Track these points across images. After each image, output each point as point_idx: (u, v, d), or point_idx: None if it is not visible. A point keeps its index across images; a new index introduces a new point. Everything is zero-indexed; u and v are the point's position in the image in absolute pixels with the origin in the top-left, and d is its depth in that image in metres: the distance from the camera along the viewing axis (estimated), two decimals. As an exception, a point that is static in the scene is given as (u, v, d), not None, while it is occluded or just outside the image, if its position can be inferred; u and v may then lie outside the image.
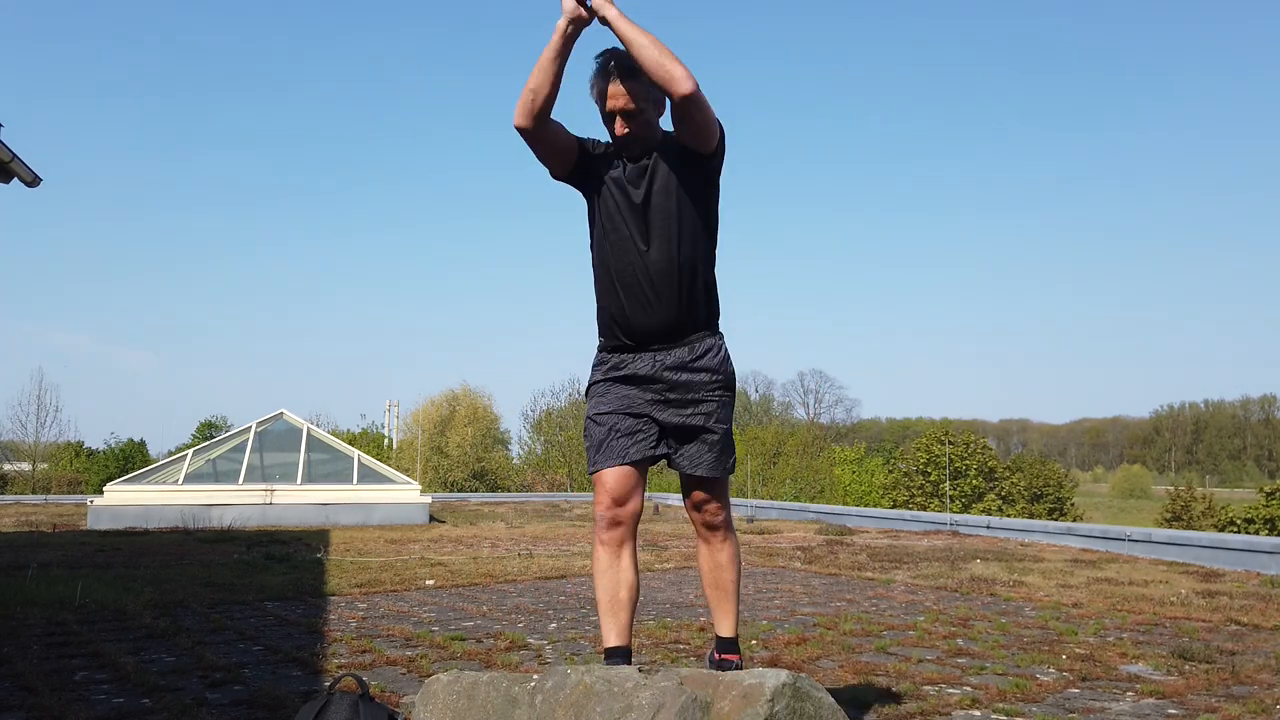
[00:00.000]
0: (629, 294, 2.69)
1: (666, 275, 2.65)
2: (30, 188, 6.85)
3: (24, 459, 33.88)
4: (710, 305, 2.79)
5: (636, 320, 2.69)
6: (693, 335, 2.74)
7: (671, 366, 2.70)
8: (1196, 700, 3.85)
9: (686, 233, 2.66)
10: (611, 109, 2.60)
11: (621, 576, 2.77)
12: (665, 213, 2.64)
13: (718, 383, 2.74)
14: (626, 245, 2.67)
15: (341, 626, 5.50)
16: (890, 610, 6.28)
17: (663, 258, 2.64)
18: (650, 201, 2.64)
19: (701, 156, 2.65)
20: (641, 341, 2.72)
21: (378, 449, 37.23)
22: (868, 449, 48.18)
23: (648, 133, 2.64)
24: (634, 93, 2.56)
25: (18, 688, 3.88)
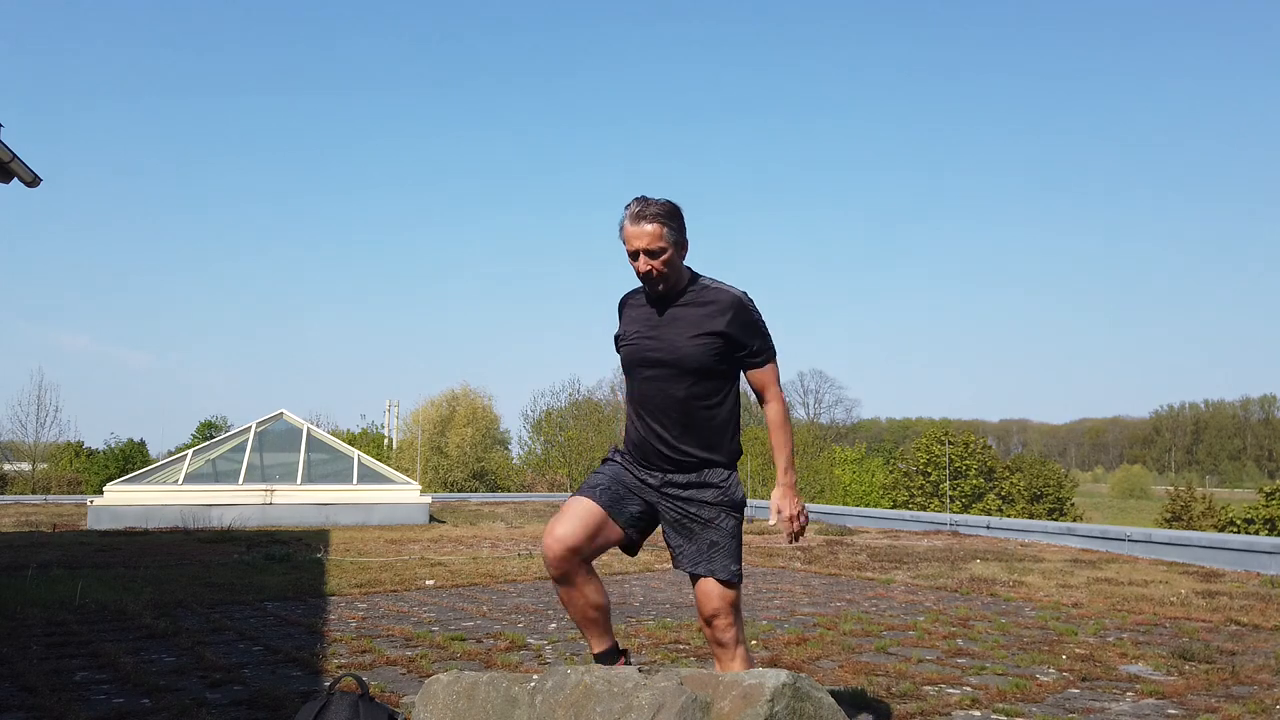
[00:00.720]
0: (646, 428, 2.90)
1: (682, 421, 2.85)
2: (30, 188, 6.85)
3: (24, 459, 33.85)
4: (722, 449, 2.93)
5: (649, 452, 2.89)
6: (702, 469, 2.91)
7: (679, 484, 2.89)
8: (1196, 700, 3.85)
9: (701, 379, 2.85)
10: (635, 249, 2.80)
11: (585, 600, 2.88)
12: (682, 361, 2.83)
13: (721, 502, 2.88)
14: (647, 385, 2.88)
15: (341, 626, 5.50)
16: (890, 610, 6.28)
17: (677, 403, 2.84)
18: (672, 347, 2.84)
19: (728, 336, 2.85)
20: (656, 468, 2.91)
21: (378, 449, 37.21)
22: (868, 449, 48.16)
23: (671, 273, 2.83)
24: (655, 234, 2.77)
25: (18, 688, 3.88)
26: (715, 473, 2.90)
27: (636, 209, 2.81)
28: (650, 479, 2.91)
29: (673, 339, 2.83)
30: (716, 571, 2.80)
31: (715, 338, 2.82)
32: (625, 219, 2.83)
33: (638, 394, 2.92)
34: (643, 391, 2.90)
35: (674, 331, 2.84)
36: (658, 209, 2.80)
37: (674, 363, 2.83)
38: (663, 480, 2.89)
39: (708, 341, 2.82)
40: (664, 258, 2.79)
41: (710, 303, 2.85)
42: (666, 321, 2.86)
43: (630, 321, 2.95)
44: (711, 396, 2.87)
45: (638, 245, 2.78)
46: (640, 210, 2.80)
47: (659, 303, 2.89)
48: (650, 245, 2.77)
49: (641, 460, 2.93)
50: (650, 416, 2.88)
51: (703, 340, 2.82)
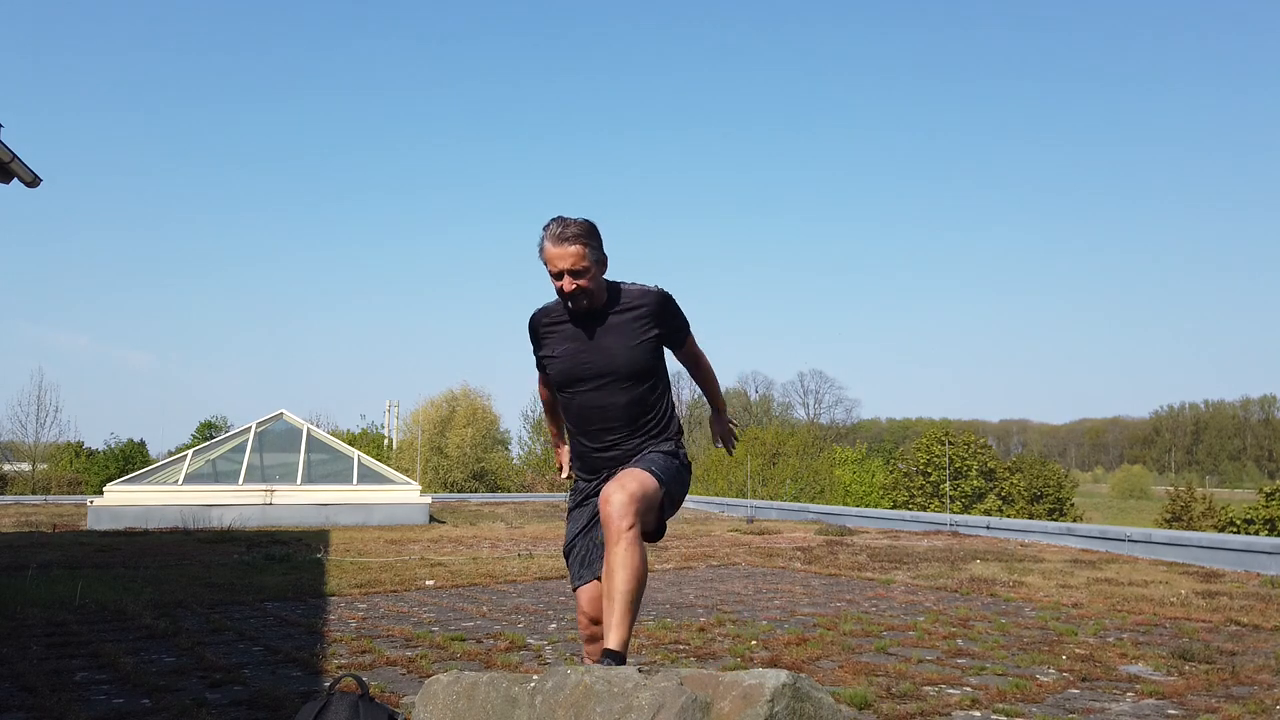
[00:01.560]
0: (590, 442, 2.98)
1: (621, 419, 2.93)
2: (30, 188, 6.85)
3: (24, 459, 33.84)
4: (666, 431, 3.03)
5: (596, 464, 2.99)
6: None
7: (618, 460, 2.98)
8: (1196, 700, 3.85)
9: (636, 385, 2.93)
10: (560, 269, 2.84)
11: None
12: (615, 371, 2.90)
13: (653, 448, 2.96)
14: (591, 395, 2.93)
15: (341, 627, 5.50)
16: (890, 611, 6.28)
17: (617, 411, 2.92)
18: (614, 354, 2.90)
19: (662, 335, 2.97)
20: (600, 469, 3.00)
21: (378, 449, 37.21)
22: (868, 450, 48.16)
23: (594, 290, 2.89)
24: (578, 253, 2.82)
25: (18, 688, 3.89)
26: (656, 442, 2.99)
27: (557, 230, 2.85)
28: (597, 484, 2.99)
29: (608, 349, 2.89)
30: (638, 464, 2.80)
31: (650, 340, 2.91)
32: (545, 240, 2.86)
33: (577, 409, 2.97)
34: (582, 404, 2.94)
35: (608, 342, 2.90)
36: (578, 229, 2.85)
37: (612, 372, 2.89)
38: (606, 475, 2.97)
39: (643, 345, 2.89)
40: (587, 276, 2.84)
41: (636, 307, 2.92)
42: (597, 334, 2.92)
43: (557, 340, 2.99)
44: (651, 394, 2.96)
45: (561, 266, 2.83)
46: (561, 231, 2.84)
47: (585, 317, 2.93)
48: (574, 265, 2.82)
49: (593, 470, 3.01)
50: (595, 426, 2.95)
51: (638, 345, 2.89)
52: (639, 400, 2.92)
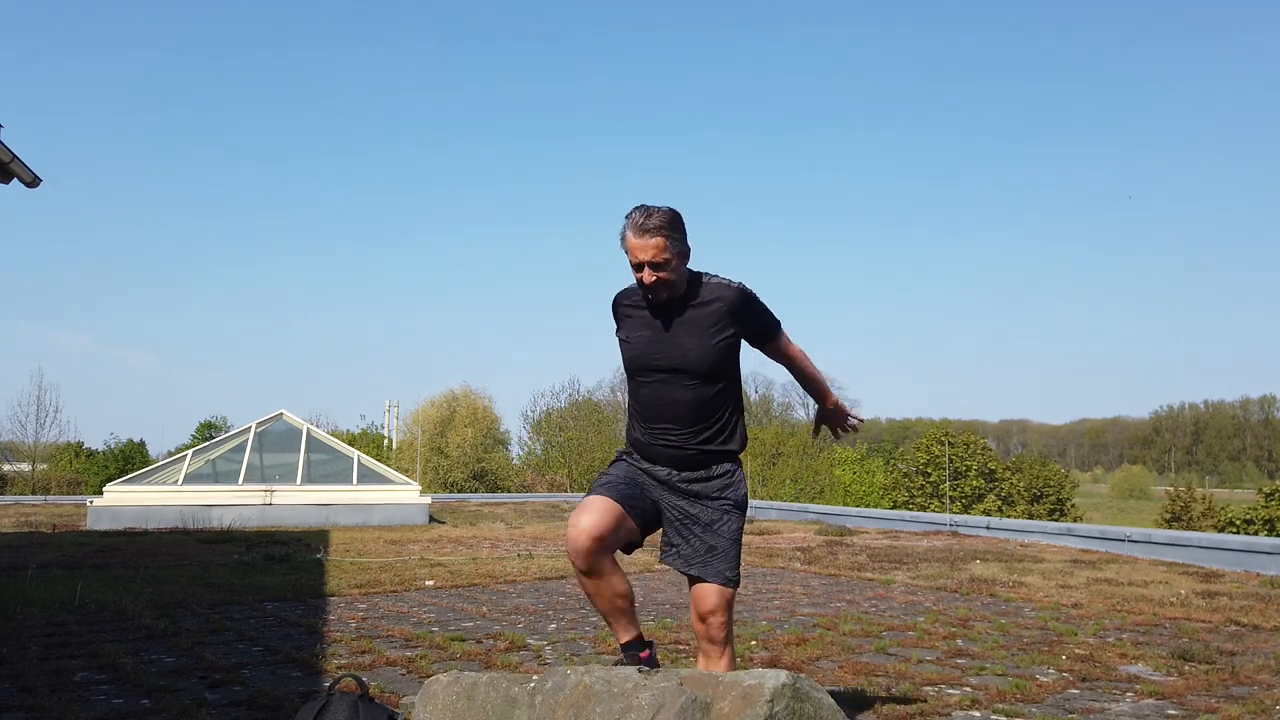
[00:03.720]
0: (654, 432, 2.90)
1: (689, 424, 2.86)
2: (30, 188, 6.85)
3: (24, 459, 33.80)
4: (728, 443, 2.95)
5: (660, 455, 2.90)
6: (712, 464, 2.93)
7: (687, 479, 2.90)
8: (1196, 701, 3.85)
9: (708, 382, 2.85)
10: (639, 261, 2.77)
11: (612, 590, 2.84)
12: (688, 365, 2.83)
13: (728, 501, 2.90)
14: (658, 388, 2.87)
15: (341, 627, 5.50)
16: (890, 611, 6.28)
17: (686, 407, 2.84)
18: (678, 353, 2.83)
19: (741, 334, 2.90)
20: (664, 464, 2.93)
21: (377, 449, 37.18)
22: (868, 450, 48.10)
23: (676, 280, 2.82)
24: (659, 245, 2.75)
25: (18, 688, 3.88)
26: (722, 468, 2.91)
27: (640, 220, 2.76)
28: (659, 473, 2.92)
29: (680, 343, 2.82)
30: (711, 576, 2.81)
31: (726, 337, 2.83)
32: (627, 229, 2.79)
33: (644, 398, 2.91)
34: (649, 395, 2.89)
35: (682, 335, 2.83)
36: (660, 219, 2.76)
37: (683, 367, 2.82)
38: (670, 474, 2.90)
39: (718, 342, 2.82)
40: (668, 269, 2.77)
41: (715, 300, 2.84)
42: (673, 326, 2.85)
43: (634, 325, 2.92)
44: (720, 395, 2.88)
45: (642, 258, 2.76)
46: (644, 222, 2.75)
47: (663, 307, 2.86)
48: (655, 258, 2.75)
49: (649, 460, 2.94)
50: (658, 420, 2.88)
51: (713, 342, 2.82)
52: (706, 401, 2.85)
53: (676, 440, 2.86)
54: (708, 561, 2.82)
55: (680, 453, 2.87)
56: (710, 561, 2.82)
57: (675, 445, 2.87)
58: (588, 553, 2.74)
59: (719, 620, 2.81)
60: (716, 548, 2.83)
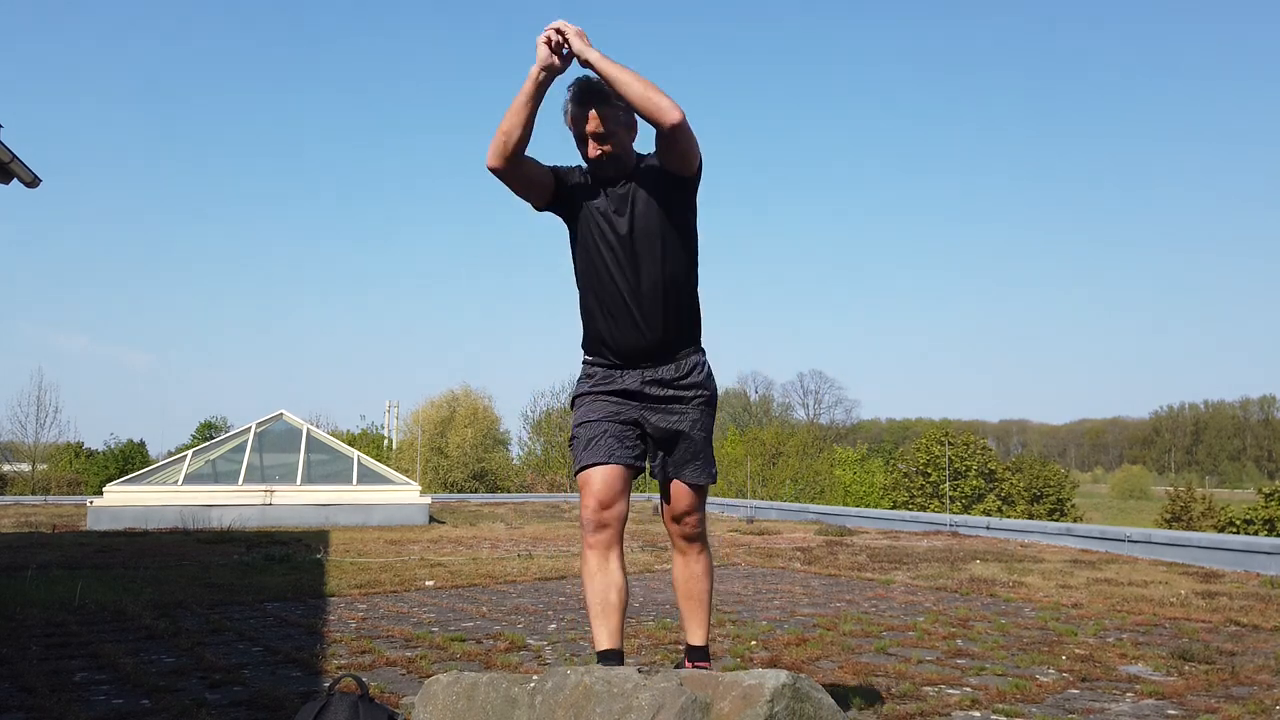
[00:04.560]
0: (617, 318, 2.79)
1: (653, 299, 2.76)
2: (30, 188, 6.86)
3: (24, 459, 33.82)
4: (694, 324, 2.92)
5: (625, 342, 2.80)
6: (679, 353, 2.87)
7: (657, 382, 2.83)
8: (1196, 701, 3.85)
9: (670, 256, 2.77)
10: (585, 132, 2.68)
11: (611, 579, 2.78)
12: (649, 238, 2.74)
13: (702, 398, 2.89)
14: (612, 272, 2.76)
15: (341, 627, 5.50)
16: (890, 611, 6.28)
17: (649, 282, 2.75)
18: (634, 228, 2.73)
19: (682, 179, 2.77)
20: (630, 360, 2.83)
21: (377, 450, 37.20)
22: (868, 450, 48.11)
23: (622, 155, 2.72)
24: (605, 116, 2.66)
25: (18, 688, 3.88)
26: (690, 361, 2.86)
27: (580, 90, 2.67)
28: (629, 383, 2.81)
29: (639, 213, 2.73)
30: (693, 476, 2.85)
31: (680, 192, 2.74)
32: (568, 99, 2.68)
33: (601, 280, 2.77)
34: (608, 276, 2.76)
35: (639, 206, 2.74)
36: (601, 86, 2.60)
37: (645, 236, 2.73)
38: (640, 381, 2.81)
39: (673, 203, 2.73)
40: (613, 141, 2.68)
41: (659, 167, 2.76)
42: (626, 198, 2.74)
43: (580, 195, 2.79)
44: (680, 270, 2.81)
45: (585, 129, 2.66)
46: (584, 92, 2.65)
47: (610, 183, 2.76)
48: (595, 129, 2.65)
49: (616, 362, 2.82)
50: (622, 301, 2.76)
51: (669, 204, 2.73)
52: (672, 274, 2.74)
53: (645, 328, 2.76)
54: (696, 468, 2.85)
55: (650, 343, 2.78)
56: (697, 467, 2.85)
57: (644, 336, 2.77)
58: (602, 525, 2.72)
59: (695, 518, 2.88)
60: (698, 449, 2.85)
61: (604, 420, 2.79)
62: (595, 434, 2.77)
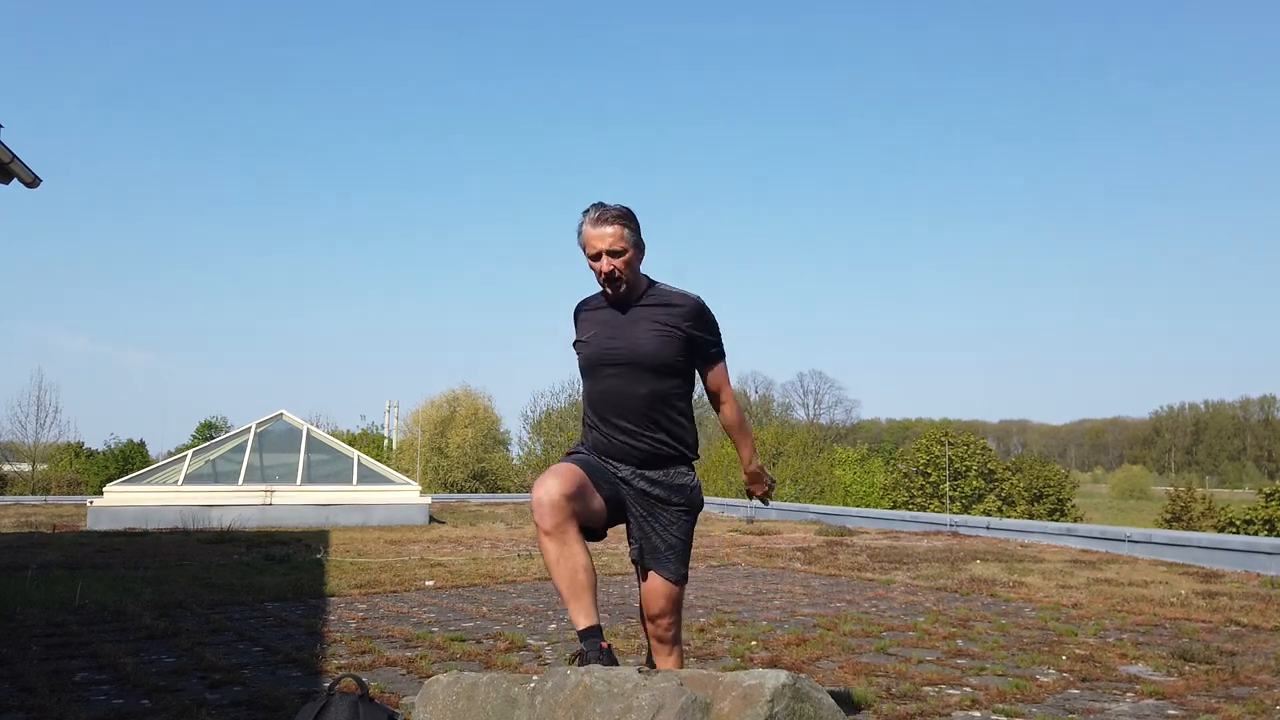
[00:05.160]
0: (606, 427, 2.98)
1: (639, 411, 2.94)
2: (30, 188, 6.85)
3: (24, 460, 33.83)
4: (684, 443, 3.05)
5: (618, 451, 2.98)
6: (668, 465, 3.01)
7: (646, 479, 2.98)
8: (1196, 701, 3.85)
9: (665, 371, 2.95)
10: (597, 250, 2.89)
11: (576, 560, 2.79)
12: (645, 360, 2.93)
13: (684, 505, 3.01)
14: (613, 381, 2.96)
15: (341, 627, 5.50)
16: (890, 611, 6.28)
17: (645, 395, 2.94)
18: (635, 348, 2.93)
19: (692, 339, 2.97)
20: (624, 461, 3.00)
21: (377, 450, 37.18)
22: (868, 450, 48.10)
23: (630, 274, 2.94)
24: (616, 233, 2.88)
25: (18, 688, 3.88)
26: (681, 473, 3.01)
27: (596, 214, 2.92)
28: (621, 470, 2.98)
29: (636, 337, 2.93)
30: (667, 573, 2.95)
31: (678, 336, 2.94)
32: (585, 223, 2.93)
33: (600, 393, 2.99)
34: (605, 390, 2.97)
35: (637, 330, 2.94)
36: (617, 212, 2.92)
37: (638, 360, 2.92)
38: (632, 473, 2.97)
39: (670, 339, 2.93)
40: (625, 258, 2.90)
41: (670, 305, 2.97)
42: (629, 322, 2.96)
43: (591, 324, 3.04)
44: (672, 392, 2.98)
45: (600, 247, 2.88)
46: (600, 215, 2.91)
47: (619, 305, 2.98)
48: (612, 246, 2.88)
49: (608, 457, 3.01)
50: (614, 415, 2.96)
51: (666, 338, 2.92)
52: (660, 396, 2.93)
53: (633, 437, 2.94)
54: (666, 559, 2.95)
55: (637, 450, 2.94)
56: (669, 559, 2.95)
57: (632, 442, 2.94)
58: (555, 508, 2.69)
59: (668, 620, 2.98)
60: (674, 547, 2.97)
61: (597, 462, 2.98)
62: (583, 458, 2.97)
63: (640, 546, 2.98)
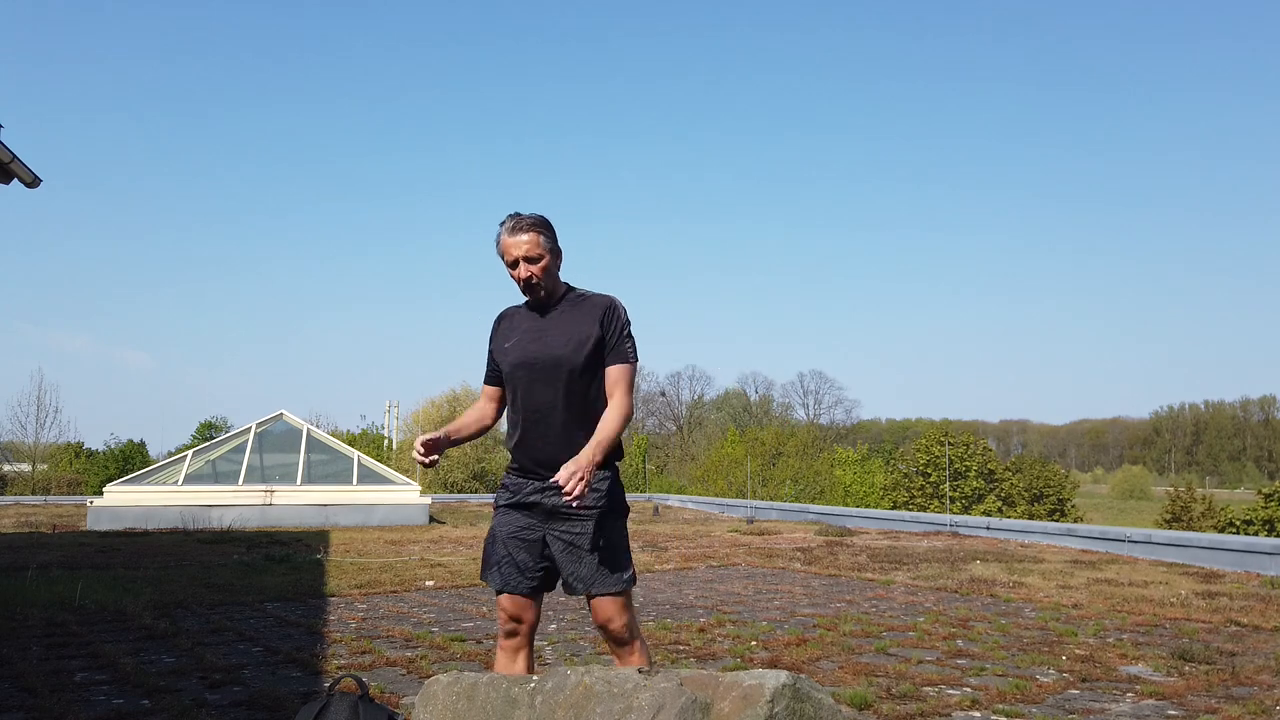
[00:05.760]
0: (530, 431, 3.00)
1: (564, 415, 2.96)
2: (30, 188, 6.86)
3: (24, 460, 33.83)
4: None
5: (529, 455, 3.00)
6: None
7: (553, 490, 2.94)
8: (1196, 701, 3.85)
9: (578, 379, 2.97)
10: (514, 257, 2.96)
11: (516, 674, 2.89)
12: (560, 361, 2.96)
13: (602, 507, 2.96)
14: (532, 385, 2.99)
15: (341, 627, 5.50)
16: (890, 611, 6.28)
17: (554, 403, 2.96)
18: (550, 350, 2.97)
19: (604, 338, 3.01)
20: (534, 472, 3.00)
21: (378, 450, 37.18)
22: (868, 450, 48.11)
23: (548, 280, 2.99)
24: (533, 242, 2.95)
25: (18, 688, 3.88)
26: (600, 476, 2.96)
27: (512, 223, 2.99)
28: (529, 494, 2.96)
29: (554, 341, 2.97)
30: (609, 588, 2.90)
31: (594, 337, 2.97)
32: (502, 232, 2.99)
33: (520, 397, 3.02)
34: (524, 394, 3.00)
35: (555, 334, 2.98)
36: (532, 220, 3.00)
37: (554, 363, 2.95)
38: (543, 494, 2.94)
39: (584, 340, 2.96)
40: (542, 264, 2.96)
41: (586, 307, 3.01)
42: (548, 326, 3.01)
43: (510, 331, 3.10)
44: (591, 394, 2.99)
45: (516, 254, 2.94)
46: (516, 223, 2.98)
47: (539, 311, 3.04)
48: (529, 253, 2.94)
49: (526, 470, 3.00)
50: (534, 416, 2.98)
51: (582, 340, 2.96)
52: (578, 398, 2.95)
53: (551, 436, 2.95)
54: (602, 576, 2.91)
55: (554, 451, 2.92)
56: (604, 578, 2.91)
57: (550, 442, 2.94)
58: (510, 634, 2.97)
59: (619, 624, 2.92)
60: (605, 562, 2.91)
61: (509, 540, 2.99)
62: (499, 557, 3.00)
63: (568, 581, 2.94)
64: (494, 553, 3.02)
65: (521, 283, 2.99)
